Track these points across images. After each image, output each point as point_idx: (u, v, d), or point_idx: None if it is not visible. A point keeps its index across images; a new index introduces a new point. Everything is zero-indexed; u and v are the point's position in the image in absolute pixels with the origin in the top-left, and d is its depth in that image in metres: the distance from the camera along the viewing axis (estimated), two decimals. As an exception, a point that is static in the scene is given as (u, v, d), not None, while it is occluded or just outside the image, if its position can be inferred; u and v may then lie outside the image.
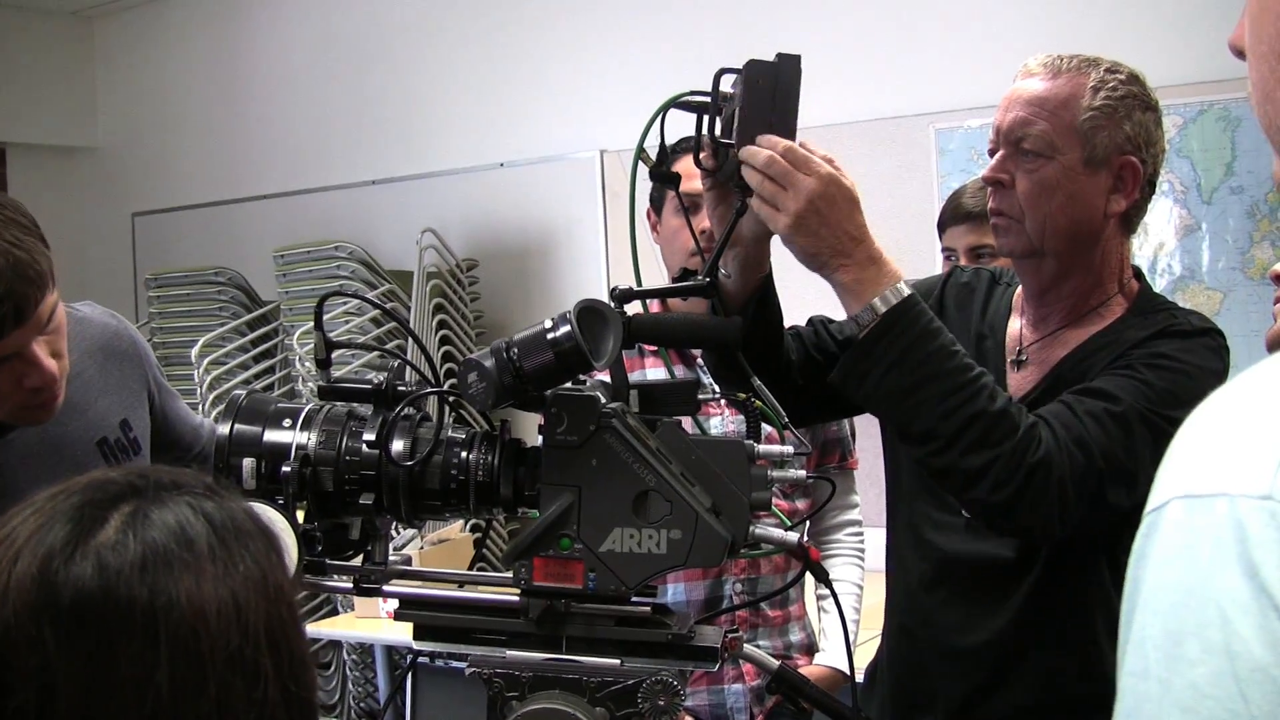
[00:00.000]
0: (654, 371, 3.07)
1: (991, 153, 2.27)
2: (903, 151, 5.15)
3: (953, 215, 3.59)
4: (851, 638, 3.13)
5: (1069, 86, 2.19)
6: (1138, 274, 2.36)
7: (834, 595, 2.07)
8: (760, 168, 1.90)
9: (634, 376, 1.82)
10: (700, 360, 2.92)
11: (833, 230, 1.92)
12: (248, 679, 1.12)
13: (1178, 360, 2.12)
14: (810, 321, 2.34)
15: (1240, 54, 1.00)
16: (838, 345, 2.29)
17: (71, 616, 1.07)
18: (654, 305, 2.14)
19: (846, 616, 3.16)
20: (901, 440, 2.10)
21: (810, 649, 3.27)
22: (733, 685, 3.06)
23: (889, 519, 2.49)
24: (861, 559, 3.39)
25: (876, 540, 2.64)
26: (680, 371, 3.00)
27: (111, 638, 1.07)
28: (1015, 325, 2.37)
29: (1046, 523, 1.99)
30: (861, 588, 3.33)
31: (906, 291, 1.96)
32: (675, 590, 3.01)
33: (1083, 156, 2.18)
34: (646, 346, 2.98)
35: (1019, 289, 2.40)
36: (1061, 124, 2.17)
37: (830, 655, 3.20)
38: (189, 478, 1.22)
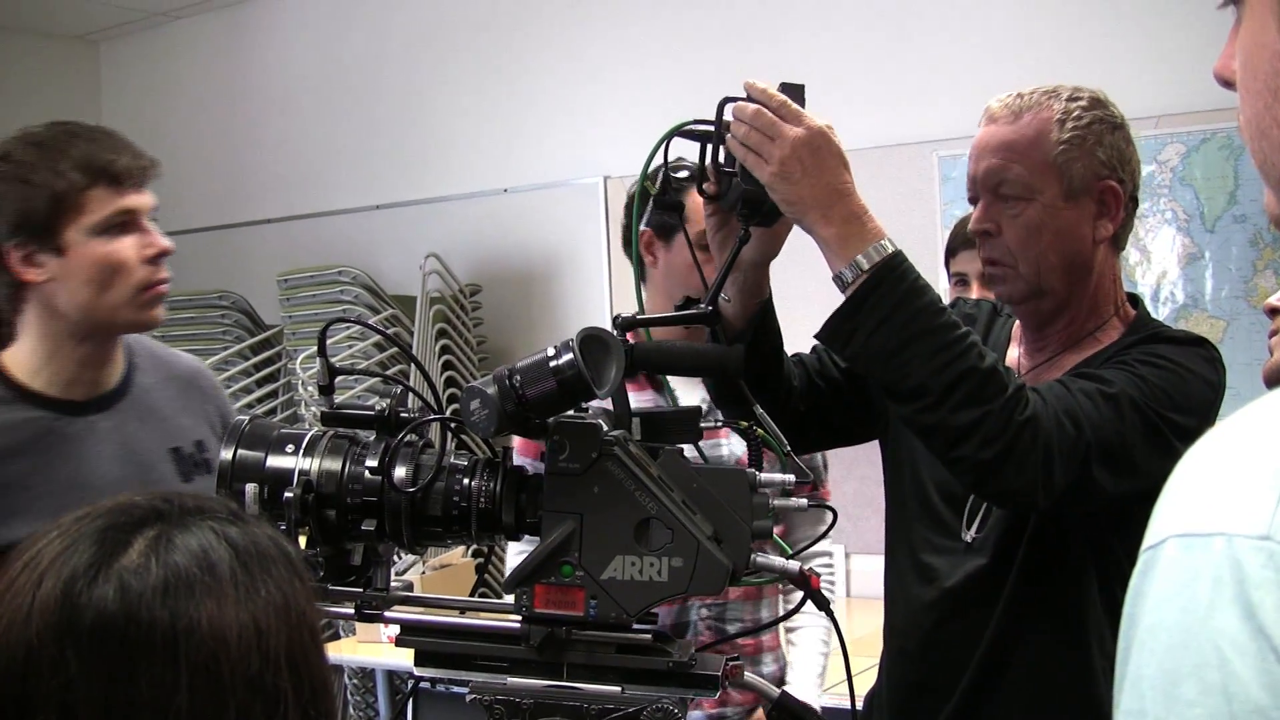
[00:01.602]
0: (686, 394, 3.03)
1: (972, 201, 2.29)
2: (906, 179, 5.16)
3: (964, 241, 3.56)
4: (822, 670, 3.15)
5: (1034, 125, 2.21)
6: (1136, 301, 2.37)
7: (836, 626, 2.07)
8: (748, 120, 1.90)
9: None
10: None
11: (815, 181, 1.91)
12: (267, 703, 1.13)
13: (1171, 360, 2.13)
14: (814, 349, 2.35)
15: (1227, 84, 1.01)
16: (840, 371, 2.30)
17: (93, 638, 1.08)
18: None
19: (815, 650, 3.18)
20: (889, 397, 2.06)
21: (782, 681, 3.22)
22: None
23: (888, 544, 2.49)
24: (831, 589, 3.35)
25: (876, 566, 2.64)
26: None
27: (132, 660, 1.08)
28: (1014, 354, 2.38)
29: (1031, 486, 1.96)
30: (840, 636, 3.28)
31: (891, 248, 1.95)
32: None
33: (1062, 191, 2.19)
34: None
35: (1018, 320, 2.40)
36: (1035, 164, 2.18)
37: (797, 689, 3.11)
38: (214, 503, 1.24)
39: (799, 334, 2.28)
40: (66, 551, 1.13)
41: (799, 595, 3.23)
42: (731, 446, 2.98)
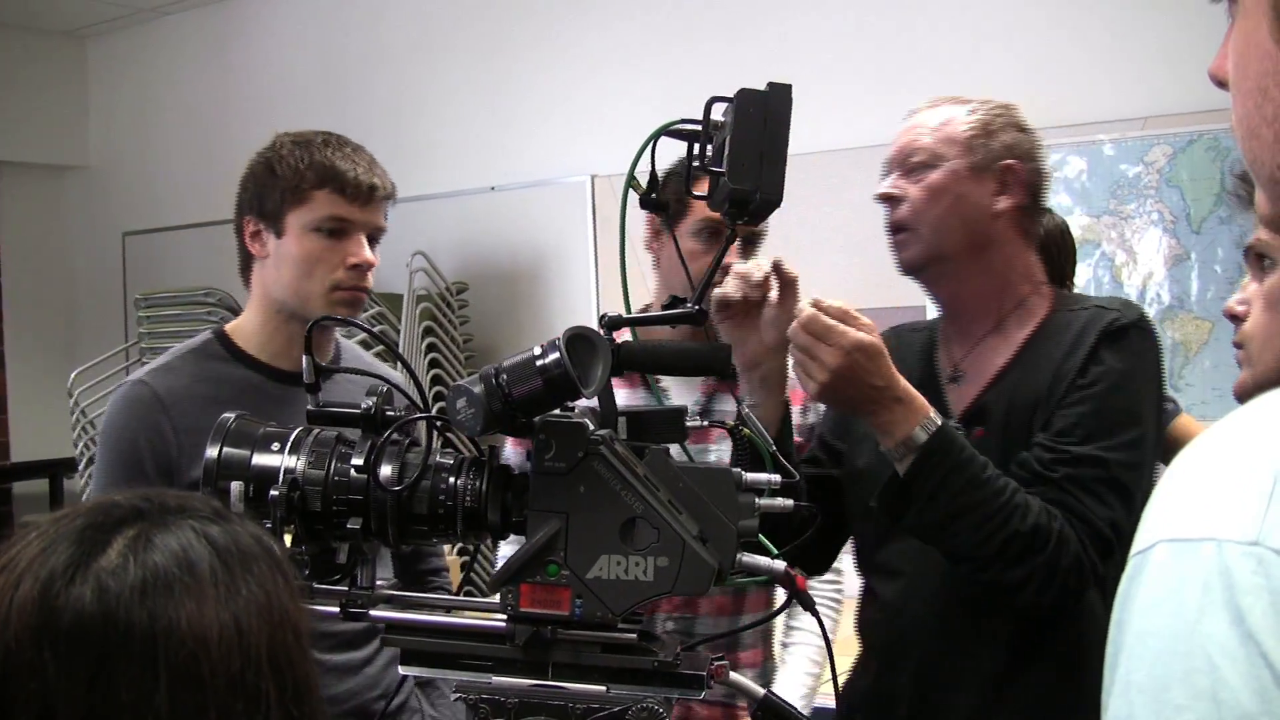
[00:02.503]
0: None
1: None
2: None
3: None
4: (808, 693, 3.08)
5: (947, 110, 2.41)
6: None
7: (822, 627, 2.06)
8: (804, 325, 2.08)
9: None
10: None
11: (860, 388, 2.08)
12: (249, 703, 1.12)
13: (1124, 372, 2.24)
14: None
15: (1221, 84, 1.01)
16: (834, 460, 2.49)
17: (71, 640, 1.08)
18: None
19: (802, 670, 3.11)
20: (947, 558, 2.23)
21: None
22: None
23: (856, 546, 2.53)
24: (834, 607, 3.19)
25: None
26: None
27: (111, 661, 1.08)
28: (944, 351, 2.48)
29: (1080, 599, 2.17)
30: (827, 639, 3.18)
31: (937, 424, 2.11)
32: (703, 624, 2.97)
33: (968, 163, 2.34)
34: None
35: (939, 325, 2.52)
36: (944, 137, 2.36)
37: (782, 687, 3.04)
38: (196, 502, 1.23)
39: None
40: (45, 553, 1.12)
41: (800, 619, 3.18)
42: (721, 454, 2.96)
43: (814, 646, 3.14)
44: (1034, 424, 2.26)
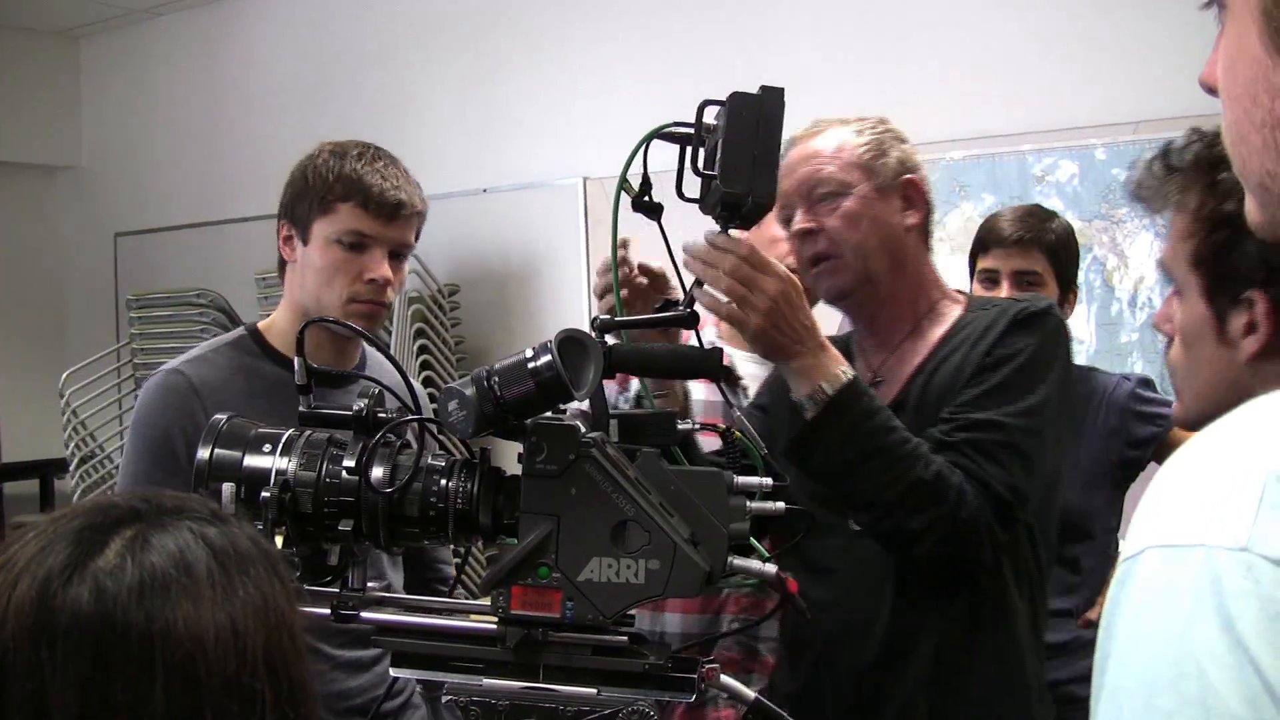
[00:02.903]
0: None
1: (784, 222, 2.45)
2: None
3: (994, 239, 3.56)
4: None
5: (835, 136, 2.43)
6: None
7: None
8: (727, 272, 2.08)
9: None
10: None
11: (792, 327, 2.13)
12: (244, 705, 1.12)
13: (1027, 348, 2.29)
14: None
15: (1211, 91, 1.01)
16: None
17: (68, 640, 1.08)
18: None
19: None
20: (849, 507, 2.27)
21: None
22: None
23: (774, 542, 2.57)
24: None
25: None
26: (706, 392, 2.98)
27: (107, 662, 1.08)
28: (861, 360, 2.52)
29: (981, 562, 2.21)
30: None
31: (850, 375, 2.17)
32: (672, 620, 2.99)
33: (873, 185, 2.38)
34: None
35: (854, 337, 2.57)
36: (843, 163, 2.39)
37: None
38: (193, 503, 1.23)
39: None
40: (42, 552, 1.12)
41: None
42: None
43: None
44: (946, 406, 2.31)
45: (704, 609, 2.94)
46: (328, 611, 1.71)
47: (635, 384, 2.32)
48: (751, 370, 2.93)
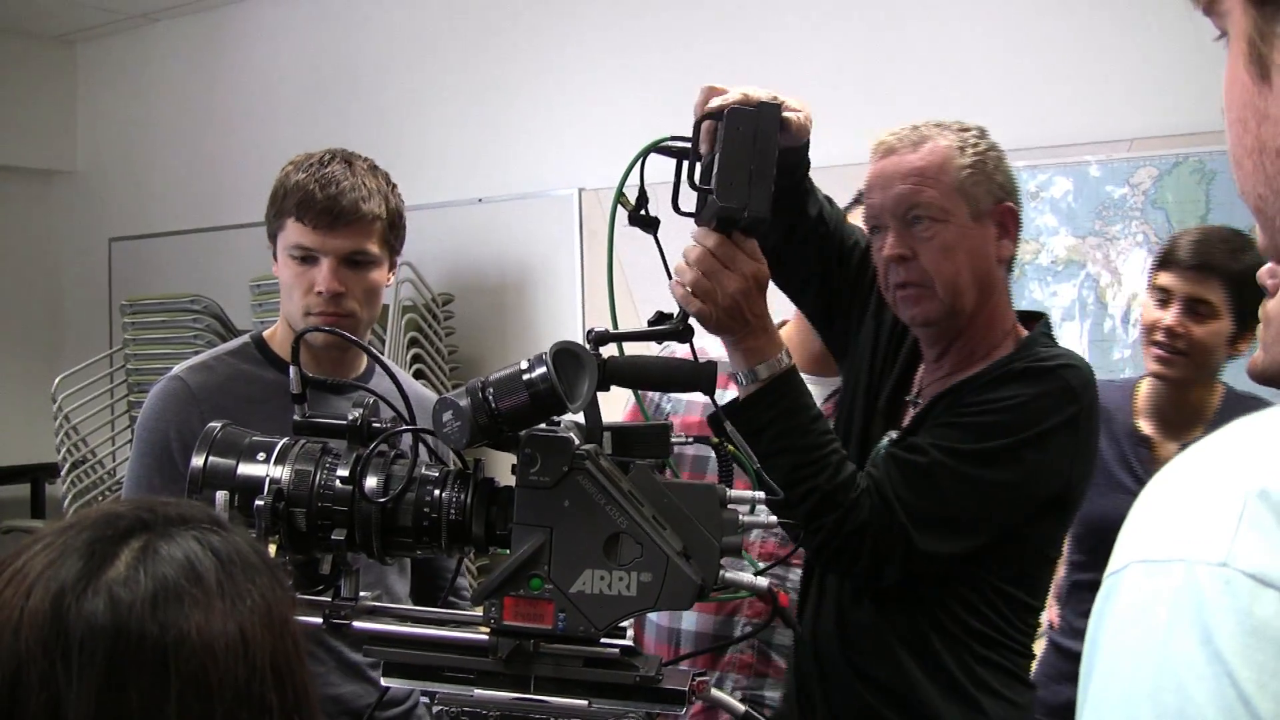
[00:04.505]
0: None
1: (873, 230, 2.37)
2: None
3: (1174, 259, 3.36)
4: None
5: (938, 152, 2.30)
6: (1036, 316, 2.46)
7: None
8: (692, 263, 2.07)
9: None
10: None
11: (745, 316, 2.12)
12: (254, 713, 1.13)
13: (1001, 402, 2.24)
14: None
15: None
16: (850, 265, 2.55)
17: (83, 651, 1.08)
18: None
19: None
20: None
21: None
22: None
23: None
24: None
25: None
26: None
27: (122, 672, 1.08)
28: (921, 370, 2.49)
29: (868, 572, 2.23)
30: None
31: (787, 363, 2.18)
32: (688, 619, 2.99)
33: (970, 213, 2.29)
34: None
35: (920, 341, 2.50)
36: (944, 187, 2.28)
37: None
38: (195, 511, 1.24)
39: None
40: (54, 564, 1.13)
41: None
42: None
43: None
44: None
45: (719, 609, 2.94)
46: (320, 621, 1.72)
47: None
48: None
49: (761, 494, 1.68)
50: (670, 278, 2.12)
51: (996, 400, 2.23)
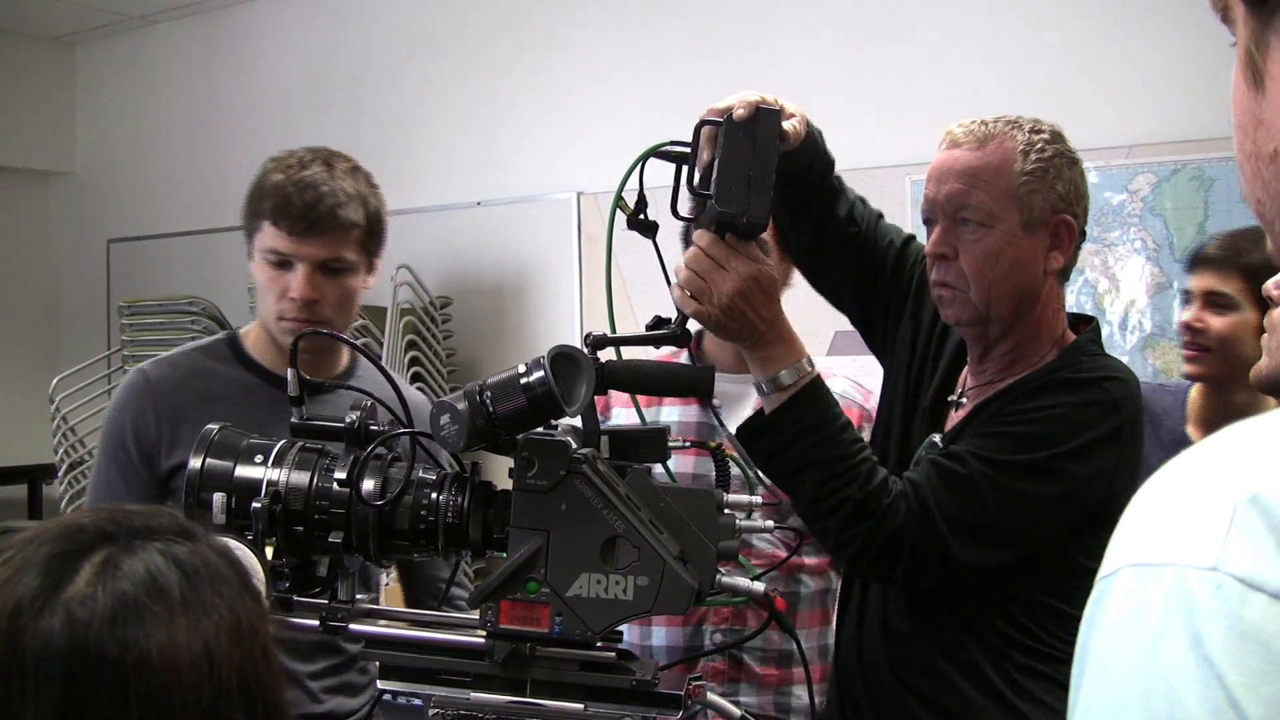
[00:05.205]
0: (669, 411, 3.04)
1: (927, 222, 2.32)
2: (879, 201, 5.14)
3: (1197, 257, 3.40)
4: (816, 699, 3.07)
5: (999, 154, 2.24)
6: (1086, 320, 2.42)
7: (799, 648, 2.08)
8: (688, 263, 2.05)
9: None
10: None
11: (749, 319, 2.07)
12: None
13: (1043, 412, 2.20)
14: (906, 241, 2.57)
15: None
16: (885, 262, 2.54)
17: (39, 673, 1.05)
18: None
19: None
20: (791, 502, 2.24)
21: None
22: None
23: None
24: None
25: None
26: (697, 413, 2.98)
27: (80, 695, 1.06)
28: (965, 371, 2.44)
29: (905, 578, 2.18)
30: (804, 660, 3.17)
31: (810, 373, 2.13)
32: (658, 634, 2.98)
33: (1021, 221, 2.23)
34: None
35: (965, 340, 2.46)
36: (997, 192, 2.22)
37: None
38: (162, 520, 1.20)
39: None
40: (10, 581, 1.10)
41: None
42: None
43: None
44: None
45: (687, 621, 2.93)
46: (317, 623, 1.72)
47: None
48: (728, 390, 2.93)
49: (758, 499, 1.68)
50: (669, 282, 2.12)
51: (1038, 410, 2.20)
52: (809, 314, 2.64)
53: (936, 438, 2.34)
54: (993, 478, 2.15)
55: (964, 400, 2.39)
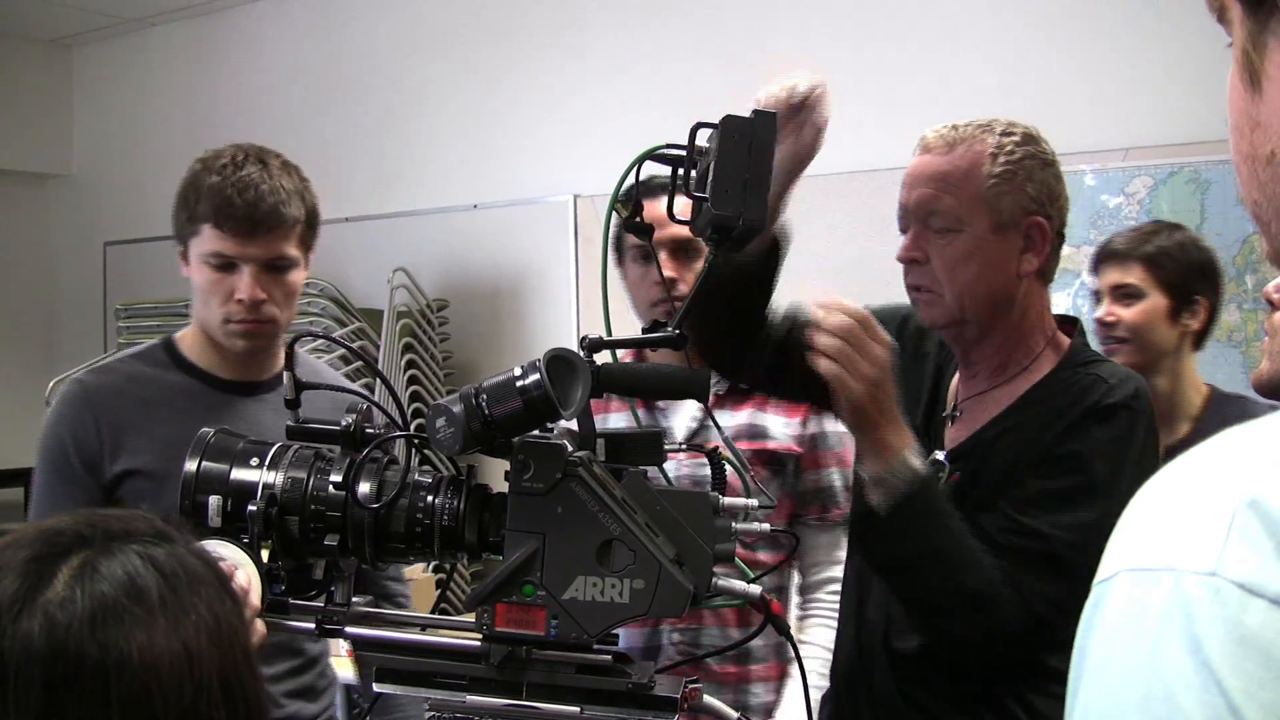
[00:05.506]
0: (616, 418, 3.05)
1: (903, 229, 2.34)
2: (878, 204, 5.15)
3: (1101, 255, 3.61)
4: (813, 704, 3.05)
5: (968, 157, 2.26)
6: (1073, 321, 2.44)
7: (796, 654, 2.07)
8: (838, 333, 2.05)
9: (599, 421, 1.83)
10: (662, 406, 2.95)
11: (881, 406, 2.09)
12: None
13: (1095, 449, 2.19)
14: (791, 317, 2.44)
15: None
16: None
17: (19, 677, 1.05)
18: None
19: (809, 683, 3.08)
20: (899, 601, 2.24)
21: (770, 712, 3.09)
22: None
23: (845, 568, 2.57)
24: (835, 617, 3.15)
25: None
26: (644, 418, 2.99)
27: (61, 697, 1.06)
28: (956, 378, 2.45)
29: (1015, 663, 2.19)
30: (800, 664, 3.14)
31: (925, 471, 2.12)
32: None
33: (991, 224, 2.25)
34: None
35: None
36: (966, 195, 2.24)
37: (784, 716, 3.04)
38: (139, 523, 1.21)
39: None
40: None
41: (806, 623, 3.16)
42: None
43: (816, 647, 3.10)
44: (1005, 485, 2.24)
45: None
46: (313, 626, 1.72)
47: None
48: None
49: (755, 501, 1.68)
50: (663, 281, 2.12)
51: (1086, 452, 2.19)
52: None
53: (940, 455, 2.34)
54: (1074, 542, 2.13)
55: (959, 412, 2.39)
